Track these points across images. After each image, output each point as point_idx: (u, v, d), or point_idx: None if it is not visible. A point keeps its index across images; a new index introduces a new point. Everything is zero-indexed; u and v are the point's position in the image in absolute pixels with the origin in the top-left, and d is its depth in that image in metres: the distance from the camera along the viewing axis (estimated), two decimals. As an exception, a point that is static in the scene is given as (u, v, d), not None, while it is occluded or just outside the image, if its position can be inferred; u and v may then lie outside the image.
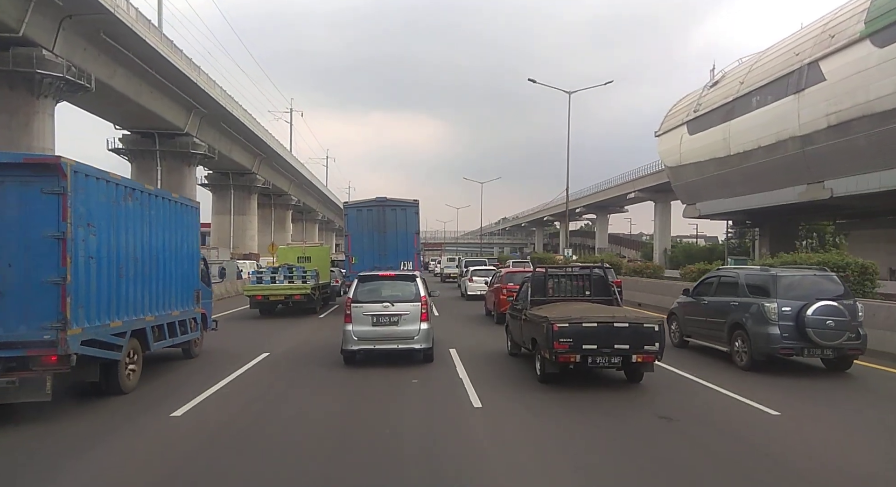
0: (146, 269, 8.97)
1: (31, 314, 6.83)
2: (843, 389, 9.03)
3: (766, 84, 37.47)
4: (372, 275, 11.21)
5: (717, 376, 9.54)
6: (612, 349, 8.23)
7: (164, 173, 43.58)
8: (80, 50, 28.89)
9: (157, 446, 6.24)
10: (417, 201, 20.30)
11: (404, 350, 10.26)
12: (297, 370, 10.21)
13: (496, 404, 7.80)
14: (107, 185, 7.92)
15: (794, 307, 9.69)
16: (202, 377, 9.54)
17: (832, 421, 7.31)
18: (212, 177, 61.27)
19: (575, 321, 8.29)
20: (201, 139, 45.35)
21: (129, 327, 8.40)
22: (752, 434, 6.51)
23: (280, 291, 19.33)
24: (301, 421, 7.14)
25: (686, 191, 48.99)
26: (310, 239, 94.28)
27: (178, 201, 10.40)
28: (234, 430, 6.81)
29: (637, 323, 8.42)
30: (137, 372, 8.83)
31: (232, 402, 8.09)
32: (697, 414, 7.38)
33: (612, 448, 6.12)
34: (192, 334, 11.05)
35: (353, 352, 10.26)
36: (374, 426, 6.86)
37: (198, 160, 45.70)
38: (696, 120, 45.82)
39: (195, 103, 41.56)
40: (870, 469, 5.60)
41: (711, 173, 44.11)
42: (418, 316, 10.20)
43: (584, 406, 7.74)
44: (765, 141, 37.30)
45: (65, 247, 6.84)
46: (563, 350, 8.17)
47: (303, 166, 77.28)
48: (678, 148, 48.30)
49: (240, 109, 47.33)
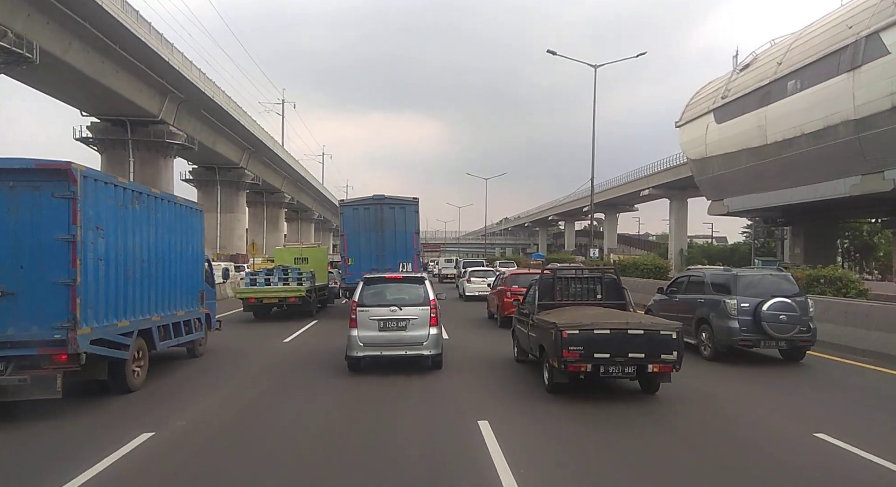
0: (152, 270, 9.18)
1: (43, 314, 7.07)
2: (802, 376, 10.06)
3: (810, 63, 33.19)
4: (378, 277, 10.78)
5: (686, 368, 8.71)
6: (626, 358, 7.80)
7: (138, 165, 39.42)
8: (22, 16, 24.70)
9: (156, 449, 6.21)
10: (417, 199, 19.25)
11: (412, 357, 9.95)
12: (297, 377, 10.02)
13: (501, 416, 7.36)
14: (115, 189, 8.18)
15: (751, 303, 10.71)
16: (206, 378, 9.90)
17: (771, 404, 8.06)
18: (197, 172, 57.10)
19: (586, 328, 7.91)
20: (179, 128, 41.13)
21: (135, 326, 8.65)
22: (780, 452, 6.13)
23: (274, 293, 18.68)
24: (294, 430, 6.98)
25: (712, 186, 44.67)
26: (306, 240, 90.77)
27: (183, 205, 10.64)
28: (233, 437, 6.67)
29: (653, 330, 7.94)
30: (144, 371, 9.10)
31: (233, 406, 8.09)
32: (716, 428, 6.98)
33: (623, 468, 5.69)
34: (197, 334, 11.27)
35: (358, 359, 9.92)
36: (374, 440, 6.52)
37: (175, 151, 41.45)
38: (725, 107, 41.55)
39: (170, 87, 37.37)
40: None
41: (743, 165, 39.85)
42: (427, 321, 9.86)
43: (596, 420, 7.28)
44: (810, 127, 33.03)
45: (75, 249, 7.12)
46: (573, 359, 7.78)
47: (296, 162, 73.16)
48: (703, 138, 44.02)
49: (223, 95, 43.09)
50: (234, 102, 46.25)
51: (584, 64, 28.25)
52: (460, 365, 10.64)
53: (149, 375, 9.25)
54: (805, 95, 33.44)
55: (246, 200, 73.74)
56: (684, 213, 63.57)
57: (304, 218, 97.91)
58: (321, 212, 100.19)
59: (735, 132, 40.22)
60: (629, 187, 69.03)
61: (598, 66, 27.84)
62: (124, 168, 38.74)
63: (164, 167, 40.96)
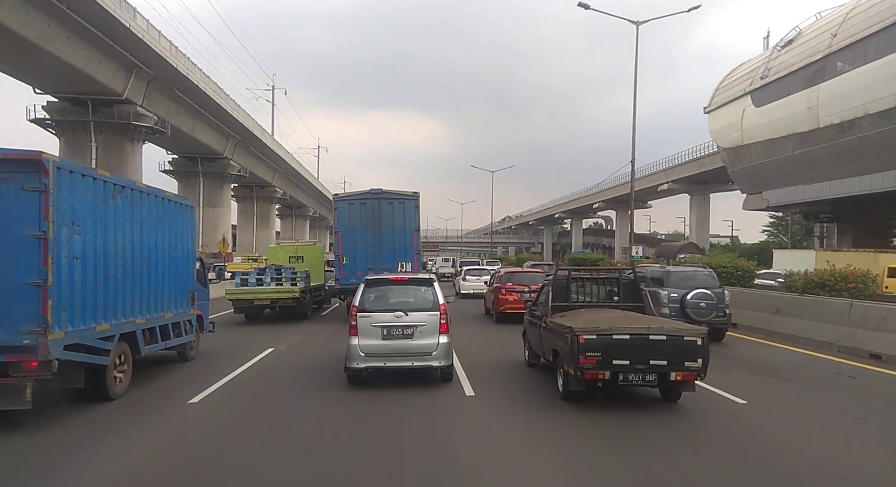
0: (136, 270, 8.77)
1: (11, 317, 6.67)
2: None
3: (877, 32, 28.52)
4: (381, 279, 9.85)
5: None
6: (647, 365, 7.35)
7: (101, 151, 34.61)
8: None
9: (139, 458, 5.87)
10: (417, 193, 18.15)
11: (420, 368, 9.05)
12: (285, 389, 8.96)
13: (506, 425, 7.05)
14: (93, 182, 7.74)
15: (679, 293, 13.19)
16: (194, 385, 9.00)
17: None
18: (177, 162, 52.32)
19: (604, 333, 7.42)
20: (149, 109, 36.35)
21: (117, 330, 8.23)
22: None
23: (266, 294, 17.71)
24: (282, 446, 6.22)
25: (748, 177, 39.96)
26: (301, 237, 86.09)
27: (171, 200, 10.14)
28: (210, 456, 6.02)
29: (677, 336, 7.48)
30: (127, 377, 8.64)
31: (213, 423, 7.27)
32: (754, 451, 6.15)
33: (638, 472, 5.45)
34: (187, 337, 10.83)
35: (358, 371, 8.97)
36: (371, 450, 6.05)
37: (144, 135, 36.57)
38: (766, 88, 36.90)
39: (136, 61, 32.55)
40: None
41: (788, 153, 35.19)
42: (437, 328, 8.97)
43: (616, 434, 6.61)
44: (876, 106, 28.39)
45: (46, 247, 6.68)
46: (590, 366, 7.33)
47: (288, 155, 68.41)
48: (738, 124, 39.33)
49: (199, 73, 38.30)
50: (213, 81, 41.44)
51: (624, 20, 23.59)
52: (459, 365, 10.25)
53: (135, 380, 8.85)
54: (870, 70, 28.77)
55: (234, 194, 69.43)
56: (706, 210, 59.06)
57: (298, 215, 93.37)
58: (317, 209, 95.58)
59: (778, 116, 35.54)
60: (645, 182, 64.19)
61: (640, 22, 23.18)
62: (85, 154, 33.98)
63: (132, 153, 36.15)
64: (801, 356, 11.82)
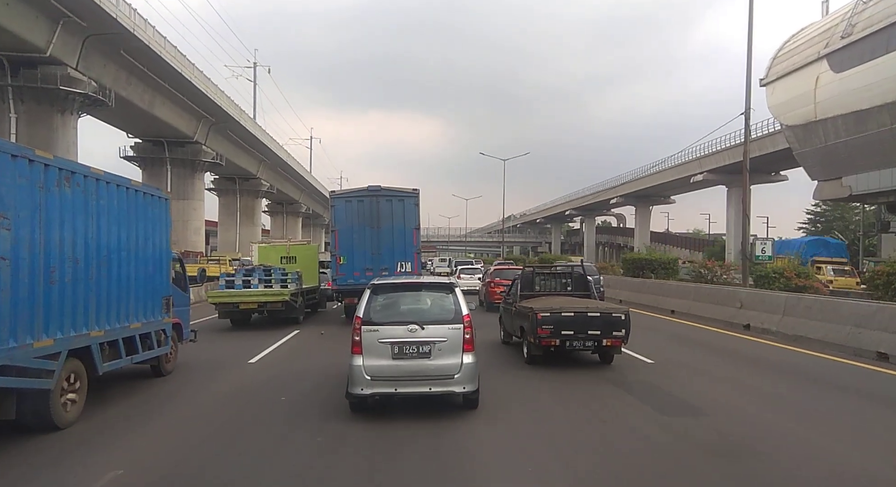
0: (92, 272, 7.38)
1: None
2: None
3: None
4: (390, 284, 8.19)
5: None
6: (586, 334, 9.89)
7: (22, 123, 27.64)
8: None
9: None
10: (417, 190, 17.53)
11: (439, 394, 7.43)
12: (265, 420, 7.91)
13: (490, 381, 8.71)
14: (30, 165, 6.23)
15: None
16: (164, 407, 8.12)
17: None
18: (140, 147, 45.32)
19: (555, 311, 9.93)
20: (87, 74, 29.30)
21: (64, 345, 6.85)
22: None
23: (253, 297, 16.36)
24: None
25: (824, 159, 32.90)
26: (293, 236, 79.05)
27: (140, 191, 8.70)
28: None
29: (607, 313, 10.10)
30: (81, 401, 7.34)
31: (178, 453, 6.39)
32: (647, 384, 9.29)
33: (575, 410, 7.76)
34: (161, 349, 9.51)
35: (363, 397, 7.31)
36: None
37: (77, 105, 29.24)
38: (850, 48, 29.89)
39: (61, 7, 25.59)
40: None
41: (881, 128, 28.18)
42: (460, 344, 7.32)
43: (565, 385, 9.19)
44: None
45: None
46: (545, 335, 9.83)
47: (275, 143, 61.51)
48: (811, 95, 32.31)
49: (151, 29, 31.01)
50: (173, 46, 34.45)
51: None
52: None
53: (93, 401, 7.60)
54: None
55: (214, 187, 62.55)
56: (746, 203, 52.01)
57: (290, 212, 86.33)
58: (310, 205, 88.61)
59: (867, 82, 28.58)
60: (675, 172, 57.45)
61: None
62: (3, 127, 27.16)
63: (62, 127, 28.96)
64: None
